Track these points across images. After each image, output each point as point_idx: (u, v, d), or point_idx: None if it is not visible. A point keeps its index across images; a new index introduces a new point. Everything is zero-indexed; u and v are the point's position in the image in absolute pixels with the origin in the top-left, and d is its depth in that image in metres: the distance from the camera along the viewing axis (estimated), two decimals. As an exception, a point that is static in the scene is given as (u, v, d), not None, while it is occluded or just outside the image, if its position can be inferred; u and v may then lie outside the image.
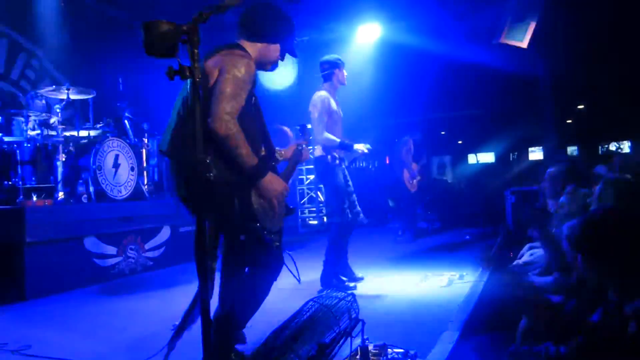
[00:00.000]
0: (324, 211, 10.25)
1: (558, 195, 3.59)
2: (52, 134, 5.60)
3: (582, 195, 3.31)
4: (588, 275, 1.93)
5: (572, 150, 18.22)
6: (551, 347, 1.73)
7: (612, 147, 19.19)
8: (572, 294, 2.69)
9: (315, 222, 10.31)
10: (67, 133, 5.75)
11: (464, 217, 9.70)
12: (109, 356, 3.01)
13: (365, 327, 2.47)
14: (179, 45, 1.64)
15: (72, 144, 5.64)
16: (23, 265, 4.46)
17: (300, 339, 2.22)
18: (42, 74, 7.16)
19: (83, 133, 5.91)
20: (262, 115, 2.62)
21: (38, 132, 5.49)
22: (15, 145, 5.29)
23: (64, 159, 5.43)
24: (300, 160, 2.87)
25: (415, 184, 7.98)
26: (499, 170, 17.72)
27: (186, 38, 1.63)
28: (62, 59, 7.29)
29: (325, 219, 10.10)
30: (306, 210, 10.36)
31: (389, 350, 2.55)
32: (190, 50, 1.63)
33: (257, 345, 2.29)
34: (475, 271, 4.77)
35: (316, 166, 4.71)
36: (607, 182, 2.64)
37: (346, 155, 4.66)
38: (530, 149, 19.14)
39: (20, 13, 6.83)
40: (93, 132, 6.01)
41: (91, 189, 5.42)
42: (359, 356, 2.40)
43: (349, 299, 2.59)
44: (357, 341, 2.45)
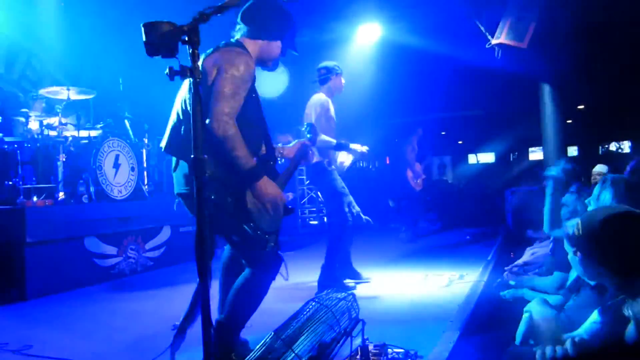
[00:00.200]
0: (324, 211, 10.24)
1: (561, 195, 3.58)
2: (53, 134, 5.62)
3: (584, 194, 3.31)
4: (588, 275, 1.93)
5: (572, 150, 18.22)
6: (550, 348, 1.72)
7: (612, 147, 19.21)
8: (572, 294, 2.70)
9: (315, 222, 10.31)
10: (68, 133, 5.76)
11: (464, 217, 9.70)
12: (109, 356, 3.01)
13: (365, 327, 2.48)
14: (179, 46, 1.65)
15: (72, 144, 5.64)
16: (23, 266, 4.46)
17: (300, 338, 2.22)
18: (42, 74, 7.16)
19: (83, 133, 5.91)
20: (263, 112, 2.60)
21: (38, 132, 5.50)
22: (16, 145, 5.29)
23: (64, 159, 5.43)
24: (305, 159, 2.86)
25: (420, 182, 8.02)
26: (499, 171, 17.75)
27: (186, 38, 1.64)
28: (63, 59, 7.29)
29: (326, 219, 10.09)
30: (306, 210, 10.36)
31: (389, 350, 2.56)
32: (191, 51, 1.64)
33: (257, 345, 2.29)
34: (475, 271, 4.77)
35: (312, 172, 4.67)
36: (607, 181, 2.63)
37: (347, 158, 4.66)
38: (530, 149, 19.15)
39: (20, 13, 6.83)
40: (93, 132, 6.01)
41: (91, 189, 5.42)
42: (359, 356, 2.41)
43: (349, 299, 2.59)
44: (358, 341, 2.45)
